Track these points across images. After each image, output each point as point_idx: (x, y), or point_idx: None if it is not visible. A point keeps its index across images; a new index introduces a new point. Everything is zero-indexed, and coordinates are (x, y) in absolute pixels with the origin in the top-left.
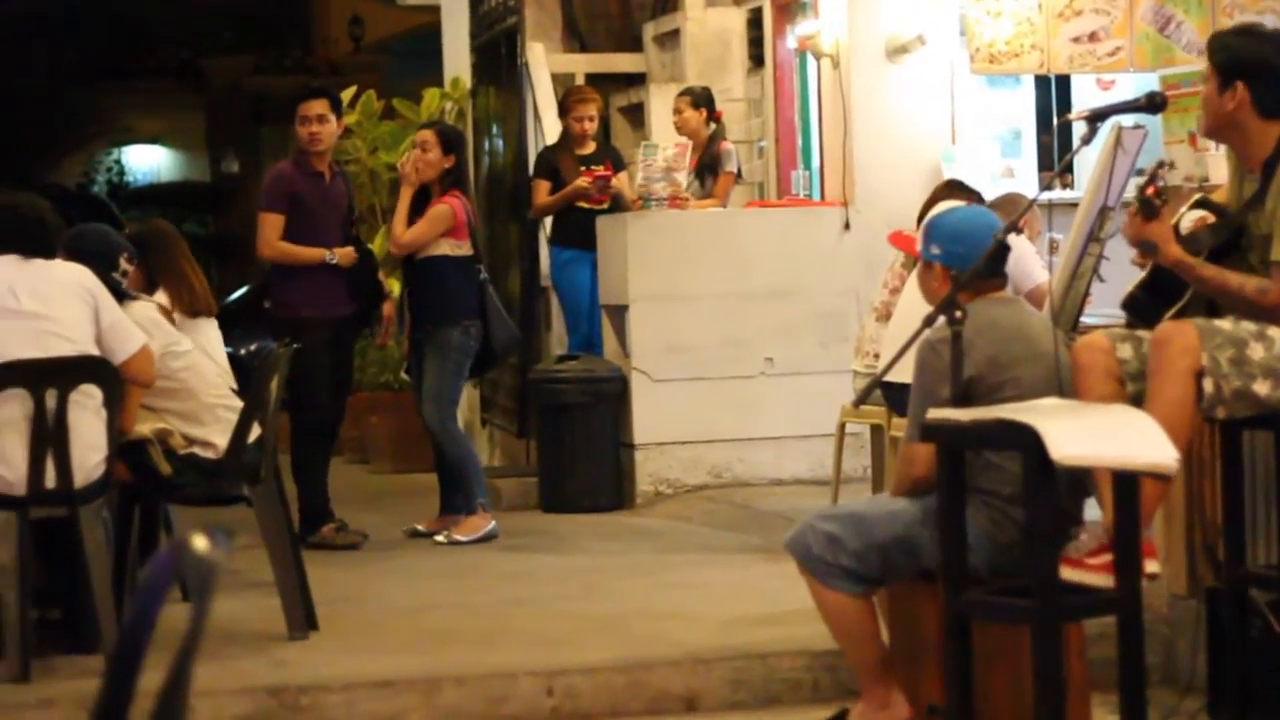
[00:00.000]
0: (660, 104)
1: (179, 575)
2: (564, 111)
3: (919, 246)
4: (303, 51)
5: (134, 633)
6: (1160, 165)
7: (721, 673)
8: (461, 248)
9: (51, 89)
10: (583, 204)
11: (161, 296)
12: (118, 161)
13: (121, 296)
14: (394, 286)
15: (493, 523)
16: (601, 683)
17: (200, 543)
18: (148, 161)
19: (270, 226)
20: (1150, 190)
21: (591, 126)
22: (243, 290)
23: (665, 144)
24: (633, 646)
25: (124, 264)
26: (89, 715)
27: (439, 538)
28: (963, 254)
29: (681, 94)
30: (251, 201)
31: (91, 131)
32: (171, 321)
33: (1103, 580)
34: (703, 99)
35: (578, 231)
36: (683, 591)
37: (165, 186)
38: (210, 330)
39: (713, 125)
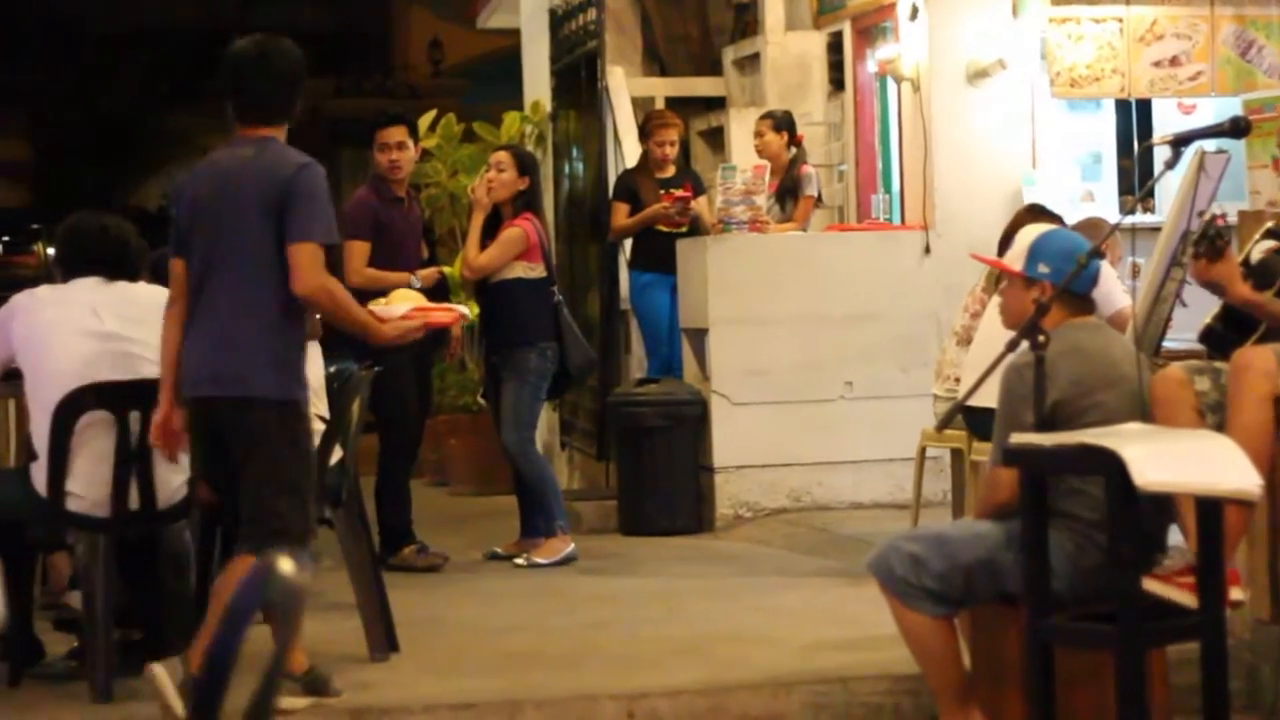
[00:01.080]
0: (740, 128)
1: (265, 597)
2: (645, 135)
3: (1019, 265)
4: (383, 75)
5: (221, 654)
6: (1214, 216)
7: (802, 696)
8: (535, 270)
9: (133, 111)
10: (662, 227)
11: None
12: None
13: None
14: (474, 309)
15: (572, 545)
16: (683, 706)
17: (286, 565)
18: None
19: (357, 254)
20: (1212, 225)
21: (673, 151)
22: None
23: (744, 167)
24: (714, 669)
25: None
26: None
27: (519, 560)
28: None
29: (763, 117)
30: None
31: (172, 154)
32: None
33: (1187, 598)
34: (784, 122)
35: (657, 255)
36: (763, 615)
37: None
38: (312, 354)
39: (794, 149)
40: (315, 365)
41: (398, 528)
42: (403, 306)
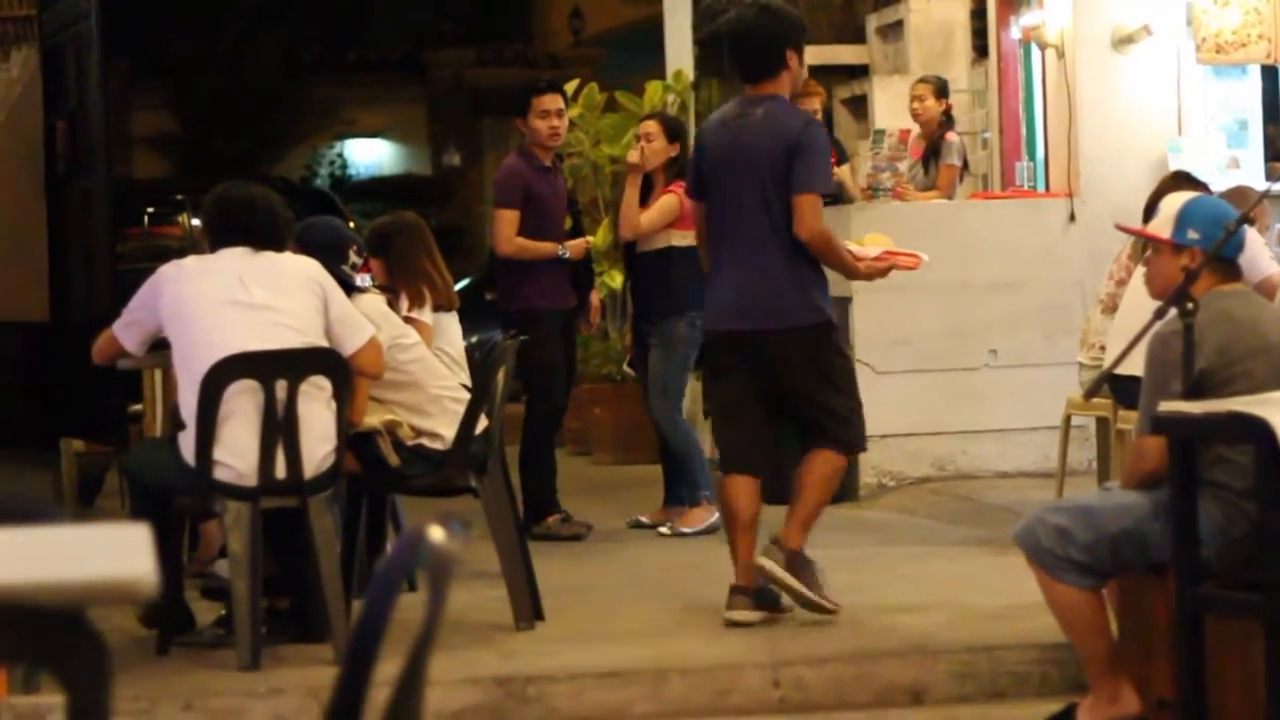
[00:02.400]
0: (883, 95)
1: (416, 565)
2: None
3: (1167, 231)
4: (523, 44)
5: (371, 621)
6: None
7: (948, 665)
8: (686, 238)
9: (276, 83)
10: None
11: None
12: (340, 155)
13: (350, 289)
14: (616, 279)
15: (716, 514)
16: (828, 674)
17: (436, 533)
18: (369, 155)
19: (508, 223)
20: None
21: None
22: (464, 282)
23: (891, 132)
24: (859, 638)
25: (353, 256)
26: (327, 703)
27: (662, 529)
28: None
29: (923, 81)
30: (473, 194)
31: (314, 125)
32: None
33: None
34: (944, 89)
35: None
36: (908, 584)
37: (387, 180)
38: (451, 325)
39: (946, 117)
40: (454, 335)
41: (542, 497)
42: (875, 249)
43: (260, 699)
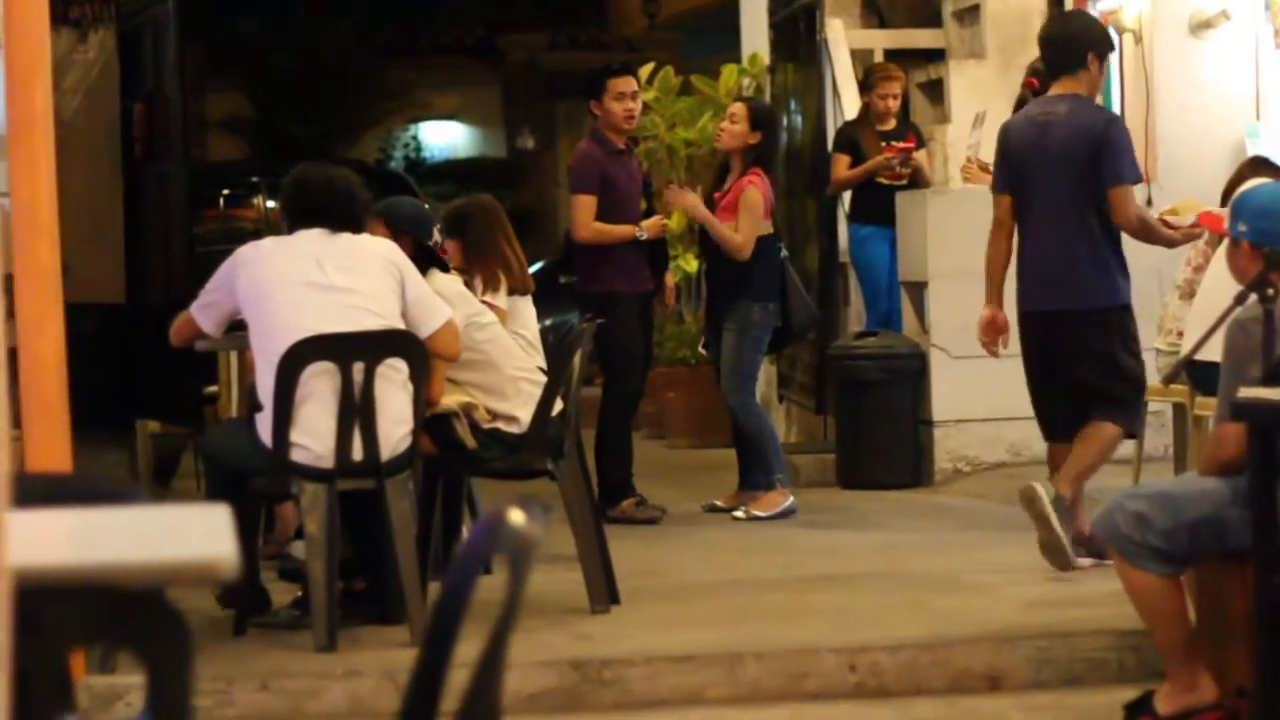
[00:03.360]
0: (960, 80)
1: (495, 549)
2: (867, 88)
3: (1226, 224)
4: (598, 28)
5: (450, 604)
6: None
7: (1025, 651)
8: (763, 227)
9: (350, 66)
10: (883, 180)
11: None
12: (414, 138)
13: (438, 263)
14: (691, 262)
15: (791, 499)
16: (905, 660)
17: (517, 516)
18: (444, 138)
19: (585, 209)
20: None
21: (895, 104)
22: (538, 265)
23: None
24: (935, 623)
25: (436, 234)
26: (406, 685)
27: (737, 513)
28: (1272, 231)
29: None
30: (546, 178)
31: (388, 108)
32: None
33: None
34: (1032, 69)
35: (877, 207)
36: (984, 569)
37: (461, 163)
38: (526, 308)
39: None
40: (529, 318)
41: (618, 480)
42: (1190, 216)
43: (336, 680)
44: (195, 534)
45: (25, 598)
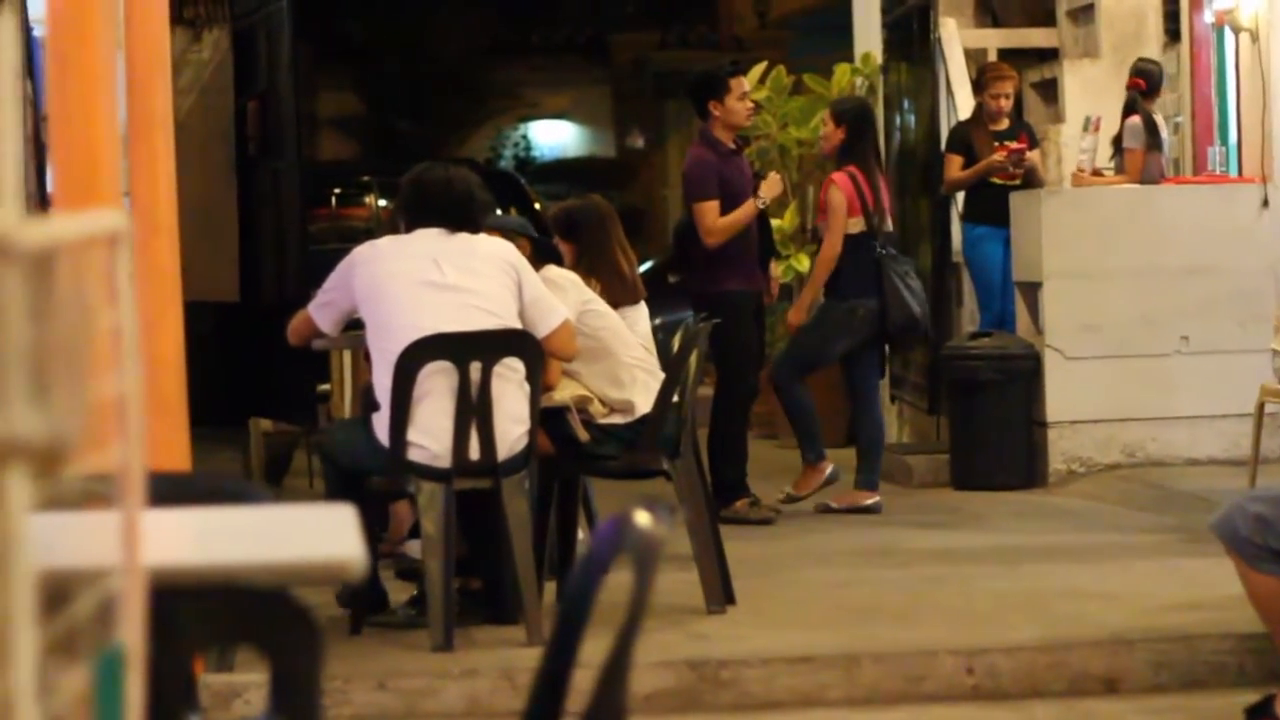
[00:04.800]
0: (1074, 79)
1: (621, 550)
2: (980, 87)
3: None
4: (708, 27)
5: (576, 605)
6: None
7: (1143, 654)
8: (852, 225)
9: (460, 65)
10: (996, 180)
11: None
12: (524, 137)
13: (554, 258)
14: (803, 261)
15: (831, 467)
16: (1022, 662)
17: (642, 518)
18: (553, 137)
19: (710, 214)
20: None
21: (1008, 104)
22: (647, 265)
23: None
24: (1052, 626)
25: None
26: (530, 685)
27: (832, 504)
28: None
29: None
30: (656, 177)
31: (498, 107)
32: None
33: None
34: (1136, 70)
35: (990, 207)
36: (1100, 571)
37: (571, 162)
38: (638, 316)
39: (1136, 95)
40: (643, 325)
41: (732, 480)
42: None
43: (453, 680)
44: (323, 534)
45: (154, 599)
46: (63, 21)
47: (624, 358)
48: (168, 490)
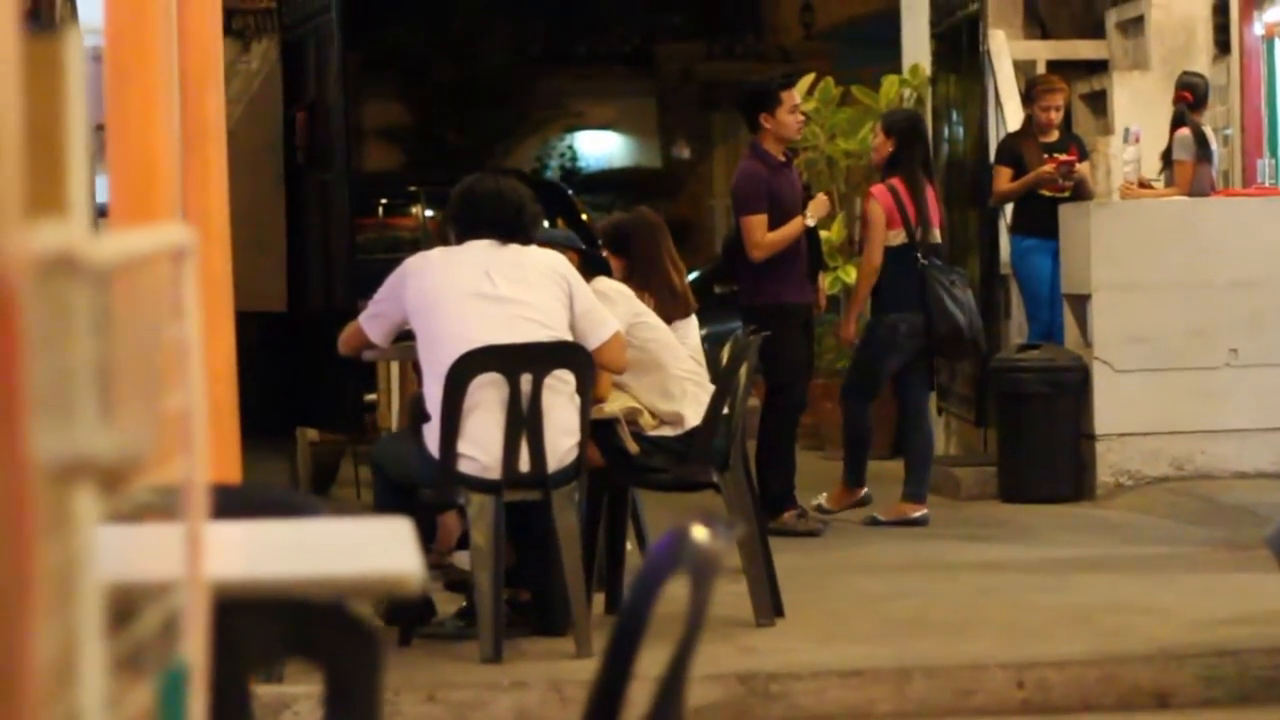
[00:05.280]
0: (1123, 91)
1: (678, 564)
2: (1030, 99)
3: None
4: (754, 38)
5: (632, 620)
6: None
7: (1194, 669)
8: (894, 237)
9: (505, 75)
10: (1045, 191)
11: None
12: (570, 147)
13: (603, 269)
14: (850, 273)
15: (864, 492)
16: (1072, 676)
17: (700, 533)
18: (599, 147)
19: (758, 228)
20: None
21: (1057, 116)
22: (694, 275)
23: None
24: (1102, 640)
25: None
26: (587, 699)
27: (881, 517)
28: None
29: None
30: (702, 188)
31: (544, 117)
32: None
33: None
34: (1182, 84)
35: (1039, 219)
36: (1149, 585)
37: (616, 172)
38: (689, 327)
39: (1183, 109)
40: (694, 340)
41: (778, 492)
42: None
43: (503, 692)
44: (379, 547)
45: (213, 613)
46: (121, 33)
47: (674, 370)
48: (223, 502)
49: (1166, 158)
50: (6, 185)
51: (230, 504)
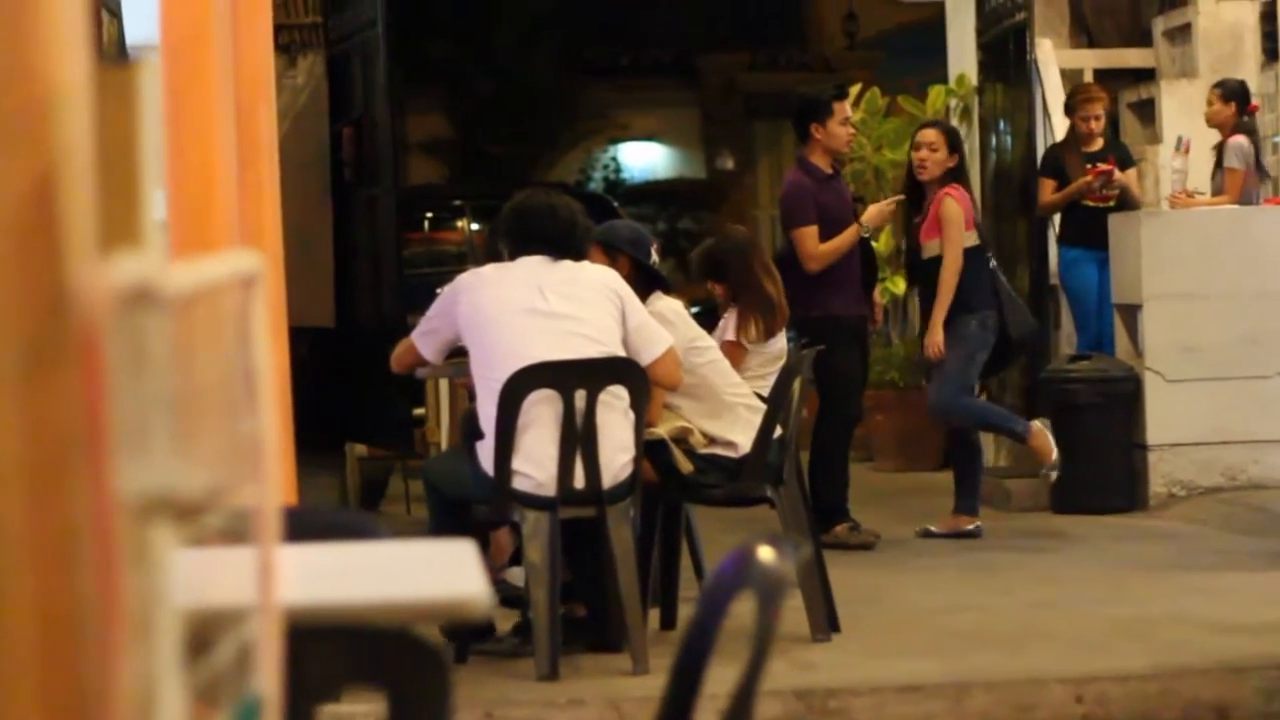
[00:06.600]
0: (1170, 100)
1: (745, 584)
2: (1070, 110)
3: None
4: (797, 48)
5: (699, 639)
6: None
7: (1255, 682)
8: (969, 239)
9: (549, 87)
10: (1088, 202)
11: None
12: (614, 159)
13: (659, 283)
14: (898, 284)
15: (976, 524)
16: (1132, 691)
17: (767, 553)
18: (643, 159)
19: (809, 240)
20: None
21: (1098, 125)
22: None
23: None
24: (1160, 653)
25: (654, 254)
26: (655, 714)
27: (934, 529)
28: None
29: (1215, 86)
30: (746, 198)
31: (587, 129)
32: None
33: None
34: (1235, 92)
35: (1085, 229)
36: (1207, 597)
37: (661, 183)
38: (779, 335)
39: (1245, 119)
40: (780, 341)
41: (831, 505)
42: None
43: (560, 709)
44: (444, 571)
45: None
46: (177, 53)
47: (726, 395)
48: (284, 526)
49: (1219, 161)
50: (83, 218)
51: (291, 527)
